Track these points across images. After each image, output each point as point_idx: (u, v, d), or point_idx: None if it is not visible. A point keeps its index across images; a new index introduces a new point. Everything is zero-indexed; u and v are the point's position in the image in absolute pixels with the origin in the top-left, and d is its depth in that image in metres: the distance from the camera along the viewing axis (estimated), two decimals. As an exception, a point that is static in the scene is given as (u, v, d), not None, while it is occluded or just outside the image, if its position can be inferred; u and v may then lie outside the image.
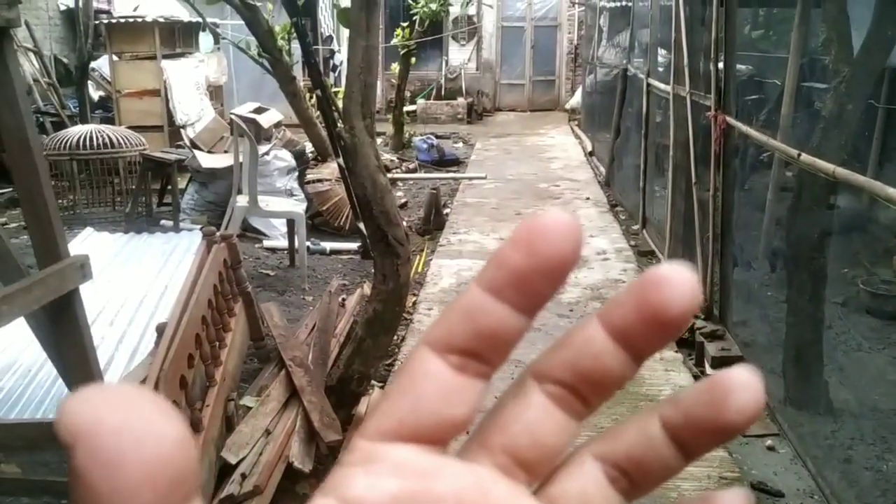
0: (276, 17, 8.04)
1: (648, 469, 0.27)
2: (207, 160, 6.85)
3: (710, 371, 3.94)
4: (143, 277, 4.41)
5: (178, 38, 9.11)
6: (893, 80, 5.10)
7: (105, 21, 8.78)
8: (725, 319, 4.33)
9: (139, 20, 8.56)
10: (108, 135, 6.69)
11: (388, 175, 4.09)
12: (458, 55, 15.60)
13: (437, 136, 11.22)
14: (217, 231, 3.72)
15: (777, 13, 6.53)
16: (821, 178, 3.17)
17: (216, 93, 10.11)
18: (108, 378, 3.19)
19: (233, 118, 5.83)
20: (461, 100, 14.89)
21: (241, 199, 5.43)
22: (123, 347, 3.65)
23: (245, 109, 6.23)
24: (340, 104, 4.40)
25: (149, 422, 0.20)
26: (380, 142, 5.68)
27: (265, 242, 6.25)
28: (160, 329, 2.76)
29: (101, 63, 9.41)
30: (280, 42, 7.33)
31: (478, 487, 0.25)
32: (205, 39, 9.84)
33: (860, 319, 4.41)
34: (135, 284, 4.29)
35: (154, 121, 8.55)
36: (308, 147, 7.84)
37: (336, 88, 9.34)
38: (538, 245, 0.25)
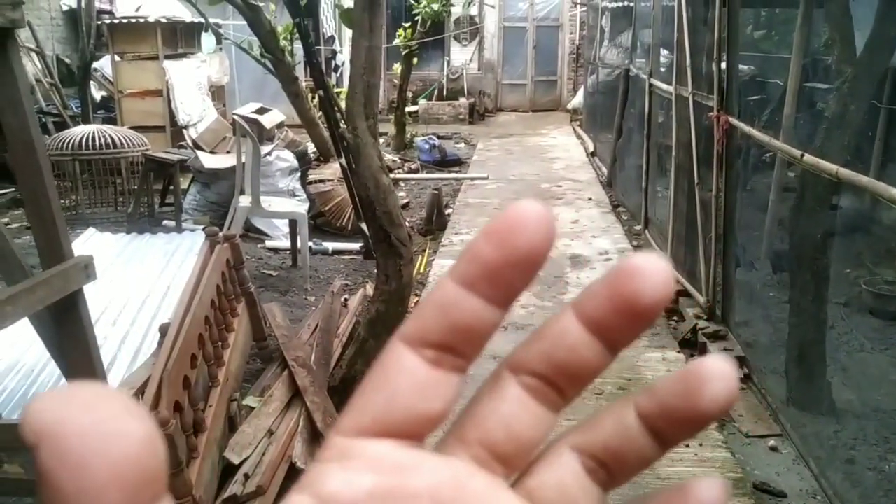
0: (279, 18, 8.05)
1: (625, 459, 0.27)
2: (210, 160, 6.85)
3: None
4: (146, 278, 4.41)
5: (181, 39, 9.11)
6: (896, 81, 5.09)
7: (107, 21, 8.79)
8: (728, 320, 4.32)
9: (141, 20, 8.57)
10: (111, 135, 6.70)
11: (391, 175, 4.09)
12: (460, 55, 15.60)
13: (439, 137, 11.22)
14: (220, 231, 3.73)
15: (779, 13, 6.52)
16: (823, 179, 3.17)
17: (218, 93, 10.12)
18: (112, 378, 3.19)
19: (235, 118, 5.83)
20: (463, 100, 14.89)
21: (244, 200, 5.43)
22: (126, 348, 3.65)
23: (247, 110, 6.23)
24: (343, 104, 4.41)
25: (115, 421, 0.20)
26: (382, 142, 5.67)
27: (267, 243, 6.26)
28: (163, 329, 2.76)
29: (104, 63, 9.41)
30: (282, 42, 7.34)
31: (454, 481, 0.25)
32: (207, 40, 9.84)
33: (863, 320, 4.40)
34: (137, 285, 4.29)
35: (156, 121, 8.56)
36: (310, 147, 7.84)
37: (338, 89, 9.35)
38: (510, 237, 0.25)
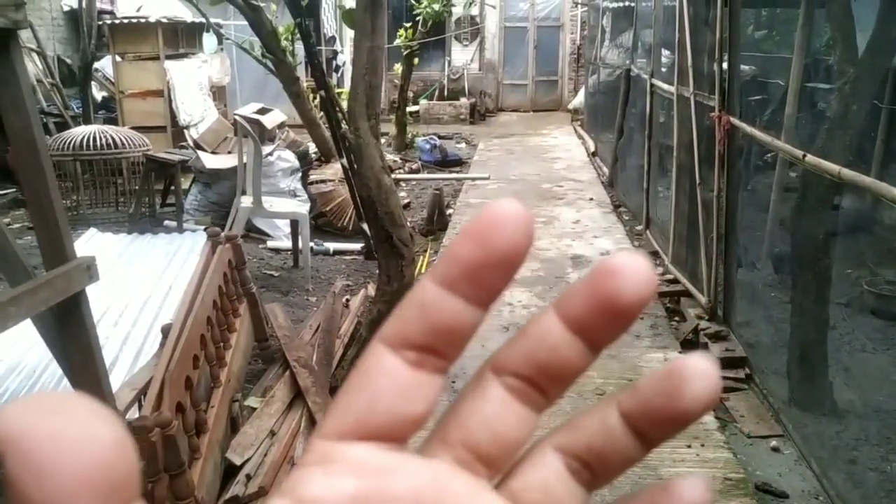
0: (280, 18, 8.05)
1: (609, 459, 0.27)
2: (211, 161, 6.86)
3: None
4: (147, 278, 4.41)
5: (182, 39, 9.12)
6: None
7: (108, 22, 8.79)
8: (729, 320, 4.32)
9: (142, 21, 8.57)
10: (112, 135, 6.70)
11: (392, 176, 4.09)
12: (461, 55, 15.61)
13: (440, 137, 11.22)
14: (222, 232, 3.73)
15: (780, 13, 6.52)
16: (825, 179, 3.17)
17: (219, 93, 10.13)
18: (113, 379, 3.19)
19: (237, 119, 5.83)
20: (464, 100, 14.90)
21: (245, 200, 5.43)
22: (128, 348, 3.65)
23: (249, 110, 6.23)
24: (344, 105, 4.41)
25: (83, 426, 0.20)
26: (382, 142, 5.68)
27: (269, 243, 6.26)
28: (165, 330, 2.76)
29: (105, 63, 9.42)
30: (284, 43, 7.35)
31: (436, 483, 0.25)
32: (208, 40, 9.85)
33: (864, 320, 4.40)
34: (138, 285, 4.29)
35: (157, 121, 8.56)
36: (311, 148, 7.85)
37: (339, 89, 9.35)
38: (489, 237, 0.25)
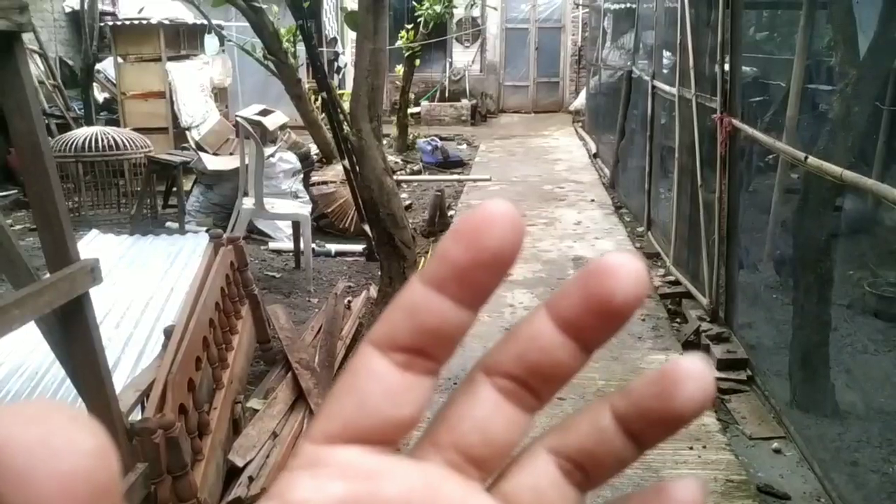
0: (282, 20, 8.06)
1: (601, 461, 0.27)
2: (213, 162, 6.87)
3: (717, 374, 3.93)
4: (149, 280, 4.41)
5: (183, 40, 9.12)
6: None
7: (110, 23, 8.80)
8: (731, 322, 4.32)
9: (144, 22, 8.58)
10: (114, 137, 6.71)
11: (393, 177, 4.09)
12: (462, 57, 15.61)
13: (442, 138, 11.22)
14: (224, 234, 3.73)
15: (782, 15, 6.52)
16: (827, 181, 3.17)
17: (221, 95, 10.13)
18: (116, 380, 3.19)
19: (239, 120, 5.84)
20: (465, 101, 14.90)
21: (247, 202, 5.44)
22: (129, 350, 3.65)
23: (250, 111, 6.24)
24: (346, 106, 4.42)
25: (63, 435, 0.19)
26: (384, 144, 5.68)
27: (270, 244, 6.27)
28: (168, 332, 2.77)
29: (106, 65, 9.43)
30: (285, 45, 7.35)
31: (427, 487, 0.25)
32: (210, 42, 9.85)
33: (866, 322, 4.40)
34: (140, 287, 4.29)
35: (159, 123, 8.57)
36: (313, 149, 7.85)
37: (340, 91, 9.36)
38: (478, 237, 0.24)
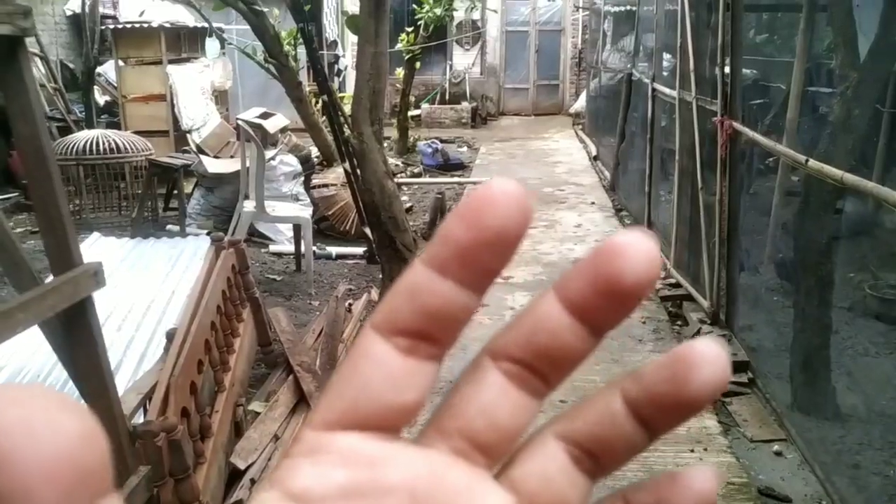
0: (283, 23, 8.07)
1: (612, 448, 0.26)
2: (214, 165, 6.87)
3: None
4: (150, 283, 4.41)
5: (184, 44, 9.14)
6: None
7: (111, 26, 8.81)
8: (732, 324, 4.32)
9: (145, 25, 8.59)
10: (115, 140, 6.71)
11: (394, 180, 4.10)
12: (463, 60, 15.61)
13: (442, 141, 11.22)
14: (225, 236, 3.74)
15: (781, 17, 6.53)
16: (827, 184, 3.17)
17: (221, 97, 10.14)
18: (117, 383, 3.20)
19: (239, 123, 5.85)
20: (465, 104, 14.90)
21: (248, 205, 5.44)
22: (131, 353, 3.65)
23: (251, 114, 6.24)
24: (346, 109, 4.42)
25: (48, 417, 0.19)
26: (384, 146, 5.69)
27: (271, 247, 6.27)
28: (170, 335, 2.77)
29: (107, 68, 9.44)
30: (286, 48, 7.36)
31: (431, 474, 0.24)
32: (211, 45, 9.87)
33: (867, 324, 4.40)
34: (142, 290, 4.29)
35: (160, 125, 8.58)
36: (314, 152, 7.86)
37: (341, 93, 9.37)
38: (483, 217, 0.23)
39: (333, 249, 6.20)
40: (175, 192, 6.82)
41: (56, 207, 1.66)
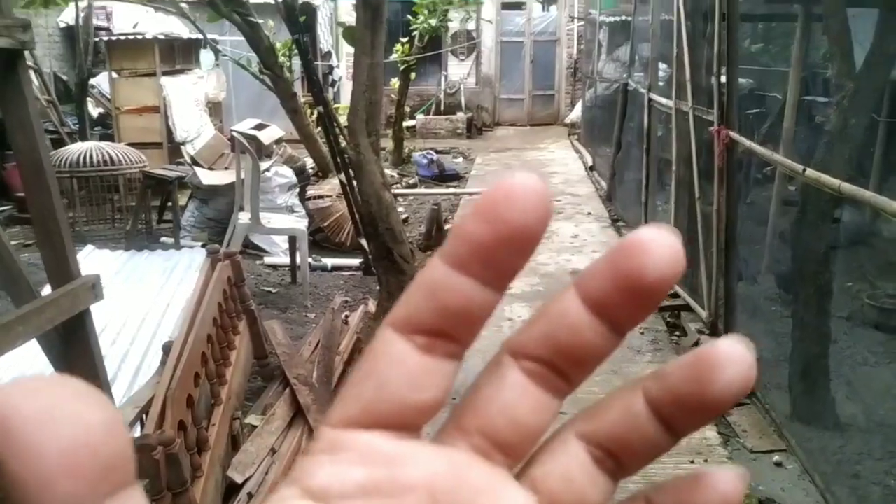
0: (277, 34, 8.07)
1: (634, 449, 0.25)
2: (208, 177, 6.85)
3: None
4: (145, 295, 4.39)
5: (178, 55, 9.13)
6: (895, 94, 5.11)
7: (105, 38, 8.81)
8: (730, 334, 4.31)
9: (139, 37, 8.59)
10: (108, 152, 6.69)
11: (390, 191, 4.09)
12: (458, 70, 15.64)
13: (437, 152, 11.23)
14: (221, 249, 3.72)
15: (777, 27, 6.56)
16: (825, 193, 3.17)
17: (215, 109, 10.13)
18: (114, 397, 3.17)
19: (234, 135, 5.84)
20: (461, 115, 14.92)
21: (243, 216, 5.43)
22: (126, 366, 3.63)
23: (246, 126, 6.23)
24: (342, 120, 4.42)
25: (70, 408, 0.19)
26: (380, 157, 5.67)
27: (266, 259, 6.25)
28: (166, 348, 2.75)
29: (101, 80, 9.43)
30: (281, 59, 7.36)
31: (451, 472, 0.24)
32: (205, 56, 9.87)
33: (866, 334, 4.40)
34: (136, 302, 4.27)
35: (153, 137, 8.55)
36: (309, 163, 7.85)
37: (336, 104, 9.37)
38: (502, 213, 0.23)
39: (329, 261, 6.19)
40: (169, 205, 6.80)
41: (54, 220, 1.65)
